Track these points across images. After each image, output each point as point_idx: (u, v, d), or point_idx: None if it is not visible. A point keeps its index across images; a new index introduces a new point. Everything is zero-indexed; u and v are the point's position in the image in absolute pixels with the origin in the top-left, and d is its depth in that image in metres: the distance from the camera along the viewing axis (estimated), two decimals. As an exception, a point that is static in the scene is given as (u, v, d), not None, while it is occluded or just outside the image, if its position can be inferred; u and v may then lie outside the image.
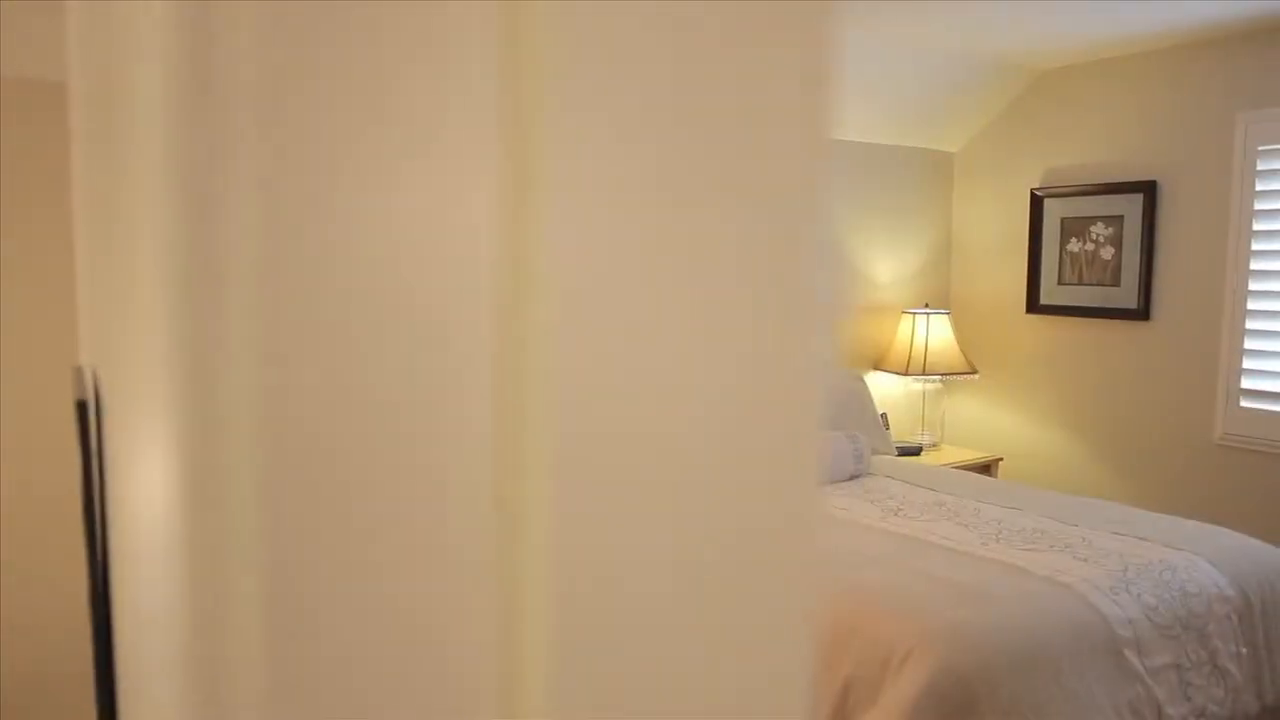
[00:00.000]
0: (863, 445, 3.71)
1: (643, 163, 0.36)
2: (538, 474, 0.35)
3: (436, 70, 0.32)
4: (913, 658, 2.19)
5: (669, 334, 0.38)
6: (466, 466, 0.34)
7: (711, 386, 0.39)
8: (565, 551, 0.36)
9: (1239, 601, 2.67)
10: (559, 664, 0.36)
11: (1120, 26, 3.81)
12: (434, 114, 0.32)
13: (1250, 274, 3.84)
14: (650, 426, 0.38)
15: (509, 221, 0.34)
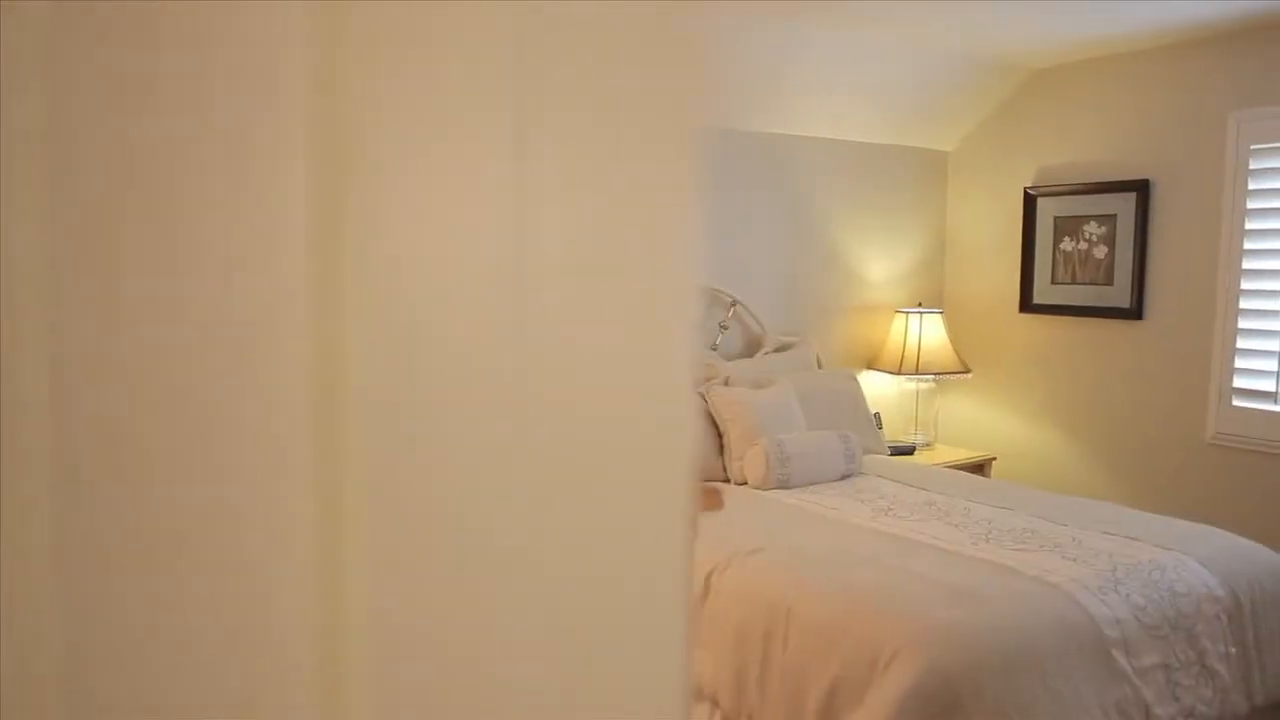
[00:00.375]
0: (854, 445, 3.71)
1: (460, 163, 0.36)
2: (357, 492, 0.35)
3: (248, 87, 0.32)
4: (899, 658, 2.18)
5: (486, 344, 0.38)
6: (282, 472, 0.34)
7: (544, 401, 0.39)
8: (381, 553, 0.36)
9: (1228, 602, 2.66)
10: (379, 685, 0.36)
11: (1113, 25, 3.80)
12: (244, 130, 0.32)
13: (1243, 273, 3.84)
14: (471, 439, 0.38)
15: (324, 235, 0.34)
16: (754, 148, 4.42)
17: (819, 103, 4.39)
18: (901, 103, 4.58)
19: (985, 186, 4.88)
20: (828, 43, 3.99)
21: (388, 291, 0.35)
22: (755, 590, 2.63)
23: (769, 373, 4.07)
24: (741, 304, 4.32)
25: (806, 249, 4.63)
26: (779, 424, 3.70)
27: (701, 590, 2.78)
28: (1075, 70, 4.44)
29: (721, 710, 2.66)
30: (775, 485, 3.50)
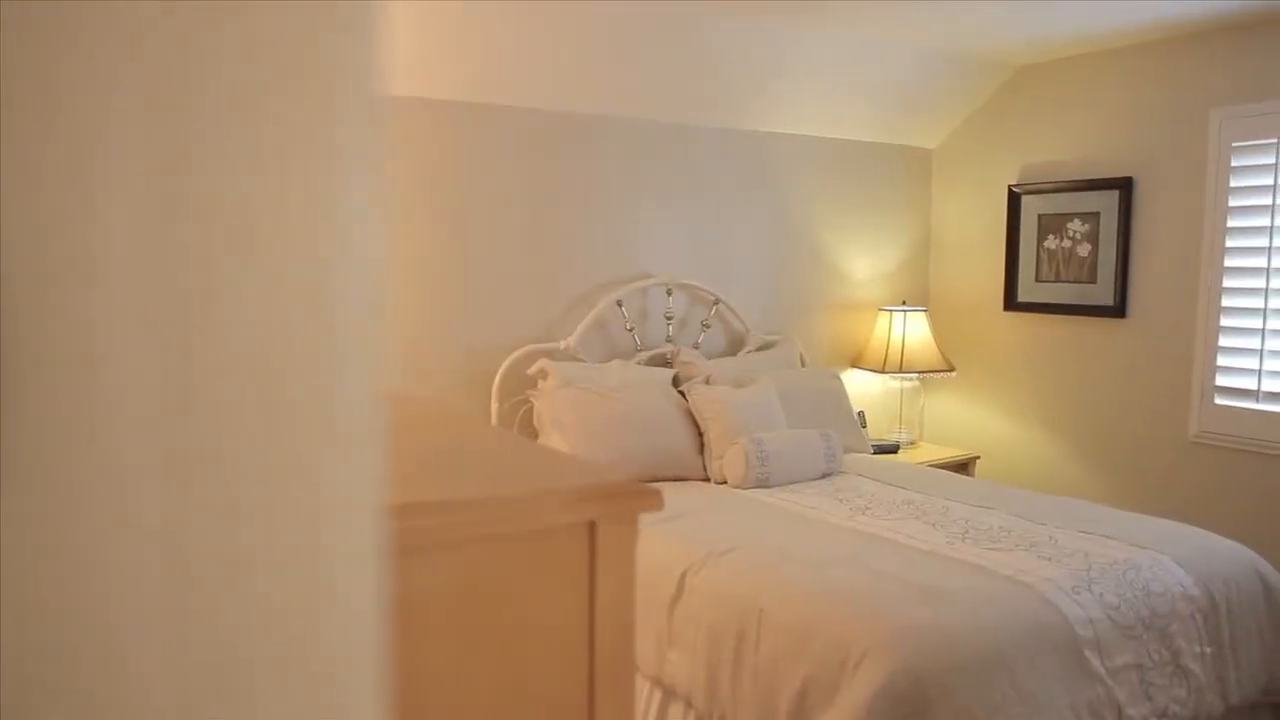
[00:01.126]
0: (835, 443, 3.69)
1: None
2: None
3: None
4: (869, 658, 2.17)
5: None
6: None
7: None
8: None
9: (1204, 601, 2.65)
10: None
11: (1096, 22, 3.79)
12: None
13: (1225, 271, 3.83)
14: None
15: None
16: (737, 146, 4.40)
17: (803, 100, 4.38)
18: (886, 100, 4.56)
19: (970, 184, 4.87)
20: (812, 41, 3.97)
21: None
22: (728, 590, 2.61)
23: (751, 371, 4.05)
24: (724, 302, 4.31)
25: (790, 247, 4.61)
26: (759, 423, 3.69)
27: (675, 590, 2.76)
28: (1058, 67, 4.43)
29: (695, 711, 2.65)
30: (754, 484, 3.49)
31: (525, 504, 1.03)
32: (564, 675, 1.09)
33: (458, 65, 3.53)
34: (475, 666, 1.03)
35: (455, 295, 3.73)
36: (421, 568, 0.97)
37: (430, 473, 1.16)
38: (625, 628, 1.13)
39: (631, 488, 1.09)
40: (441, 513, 0.97)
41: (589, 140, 3.99)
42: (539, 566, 1.06)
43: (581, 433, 3.48)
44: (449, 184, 3.69)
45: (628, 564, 1.12)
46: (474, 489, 1.05)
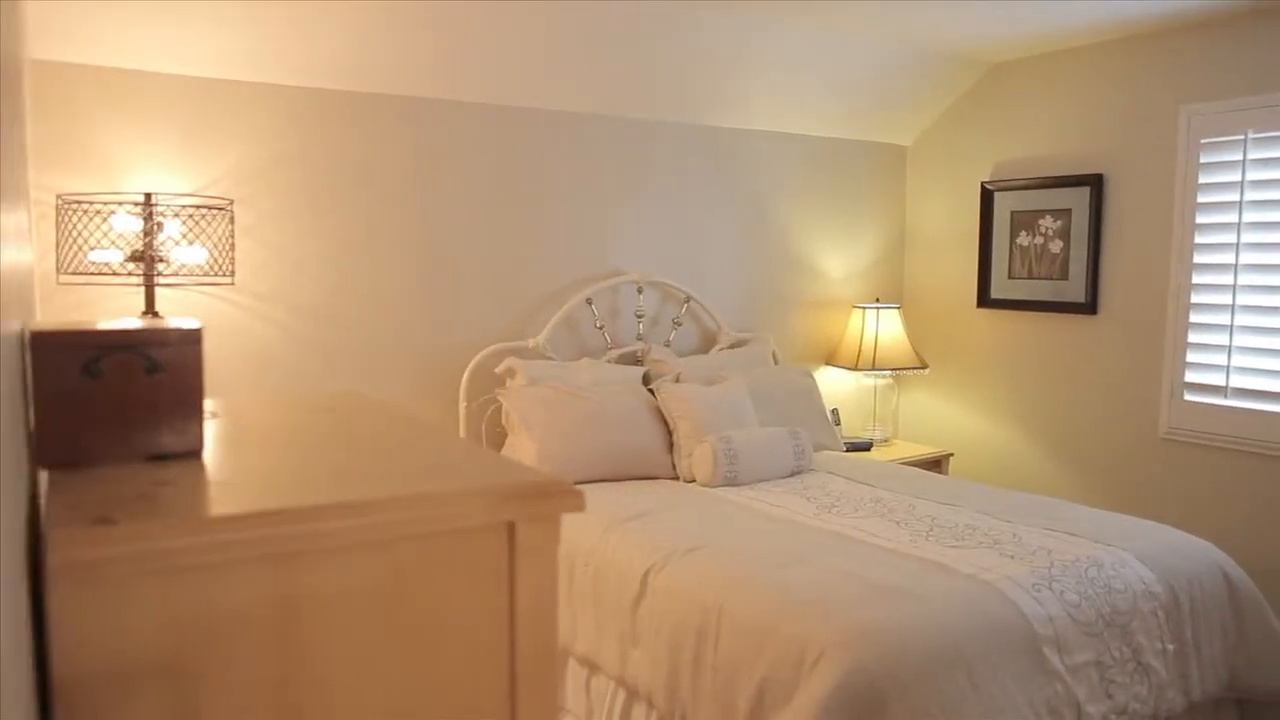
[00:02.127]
0: (804, 441, 3.68)
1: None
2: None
3: None
4: (825, 657, 2.16)
5: None
6: None
7: None
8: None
9: (1166, 598, 2.64)
10: None
11: (1067, 20, 3.79)
12: None
13: (1194, 267, 3.83)
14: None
15: None
16: (711, 142, 4.38)
17: (777, 97, 4.36)
18: (860, 97, 4.55)
19: (943, 181, 4.86)
20: (786, 37, 3.96)
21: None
22: (690, 589, 2.60)
23: (723, 369, 4.04)
24: (696, 300, 4.29)
25: (764, 244, 4.60)
26: (729, 421, 3.67)
27: (639, 590, 2.75)
28: (1030, 65, 4.43)
29: (657, 711, 2.63)
30: (723, 482, 3.47)
31: (441, 505, 1.01)
32: (485, 674, 1.08)
33: (427, 61, 3.50)
34: (392, 666, 1.01)
35: (423, 293, 3.71)
36: (333, 568, 0.96)
37: (351, 472, 1.14)
38: (547, 627, 1.12)
39: (551, 488, 1.08)
40: (352, 514, 0.95)
41: (560, 137, 3.97)
42: (457, 566, 1.04)
43: (549, 431, 3.46)
44: (417, 181, 3.66)
45: (549, 563, 1.11)
46: (389, 489, 1.03)
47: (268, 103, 3.35)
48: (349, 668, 0.98)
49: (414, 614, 1.02)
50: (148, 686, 0.88)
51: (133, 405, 1.11)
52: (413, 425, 1.46)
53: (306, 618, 0.95)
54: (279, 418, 1.54)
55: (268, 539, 0.91)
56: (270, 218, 3.39)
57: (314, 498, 0.97)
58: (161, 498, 0.97)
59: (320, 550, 0.95)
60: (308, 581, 0.96)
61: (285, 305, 3.43)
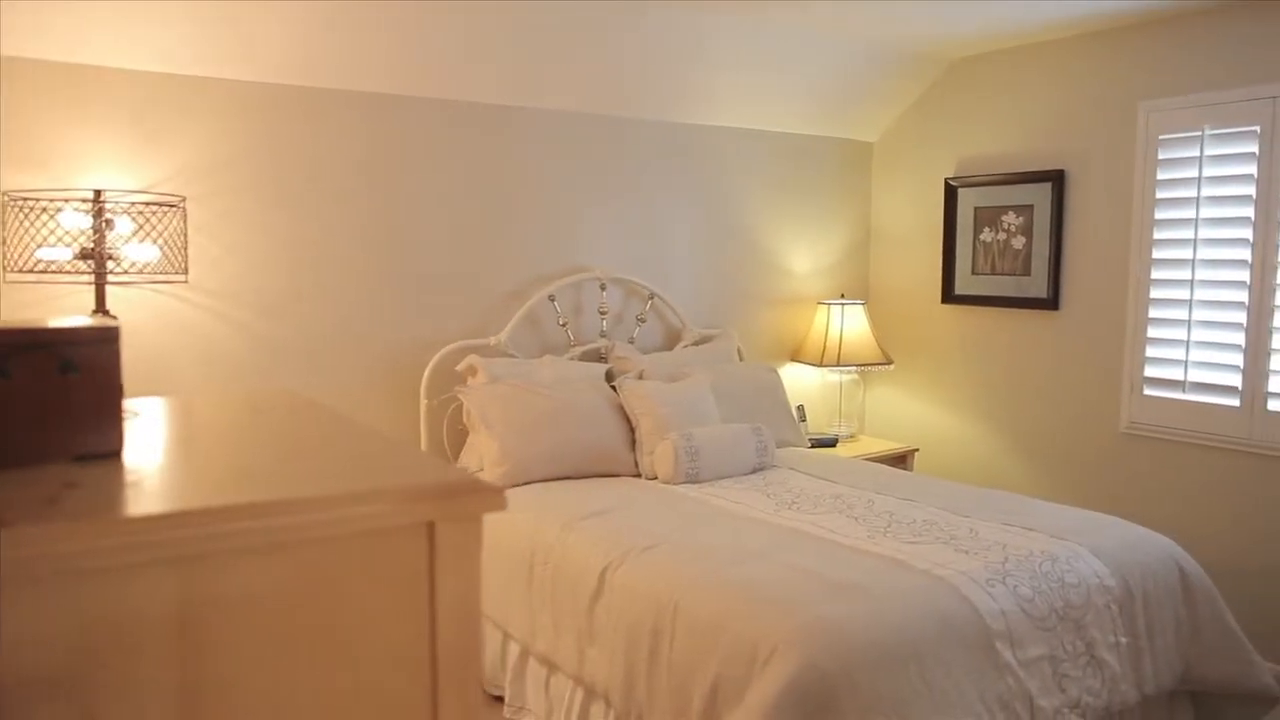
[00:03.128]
0: (766, 438, 3.67)
1: None
2: None
3: None
4: (777, 655, 2.15)
5: None
6: None
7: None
8: None
9: (1120, 592, 2.66)
10: None
11: (1028, 15, 3.80)
12: None
13: (1153, 263, 3.86)
14: None
15: None
16: (675, 139, 4.37)
17: (742, 94, 4.36)
18: (825, 94, 4.55)
19: (908, 177, 4.87)
20: (750, 34, 3.95)
21: None
22: (646, 586, 2.59)
23: (687, 366, 4.03)
24: (660, 297, 4.28)
25: (729, 241, 4.60)
26: (692, 417, 3.66)
27: (596, 587, 2.73)
28: (992, 60, 4.44)
29: (614, 709, 2.62)
30: (684, 479, 3.46)
31: (351, 505, 0.99)
32: (404, 679, 1.06)
33: (385, 57, 3.47)
34: (303, 672, 0.99)
35: (382, 291, 3.67)
36: (238, 572, 0.93)
37: (267, 473, 1.12)
38: (470, 630, 1.10)
39: (471, 486, 1.06)
40: (256, 516, 0.93)
41: (522, 134, 3.94)
42: (373, 568, 1.02)
43: (509, 429, 3.44)
44: (377, 178, 3.63)
45: (471, 564, 1.09)
46: (298, 490, 1.01)
47: (222, 98, 3.31)
48: (257, 674, 0.96)
49: (326, 618, 1.00)
50: (43, 697, 0.86)
51: (45, 406, 1.09)
52: (343, 425, 1.44)
53: (210, 623, 0.92)
54: (209, 417, 1.51)
55: (167, 542, 0.89)
56: (225, 215, 3.34)
57: (219, 499, 0.95)
58: (67, 500, 0.95)
59: (223, 553, 0.93)
60: (211, 586, 0.93)
61: (241, 303, 3.39)
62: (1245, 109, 3.55)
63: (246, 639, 0.95)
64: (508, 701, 3.17)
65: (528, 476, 3.44)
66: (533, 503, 3.26)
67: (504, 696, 3.19)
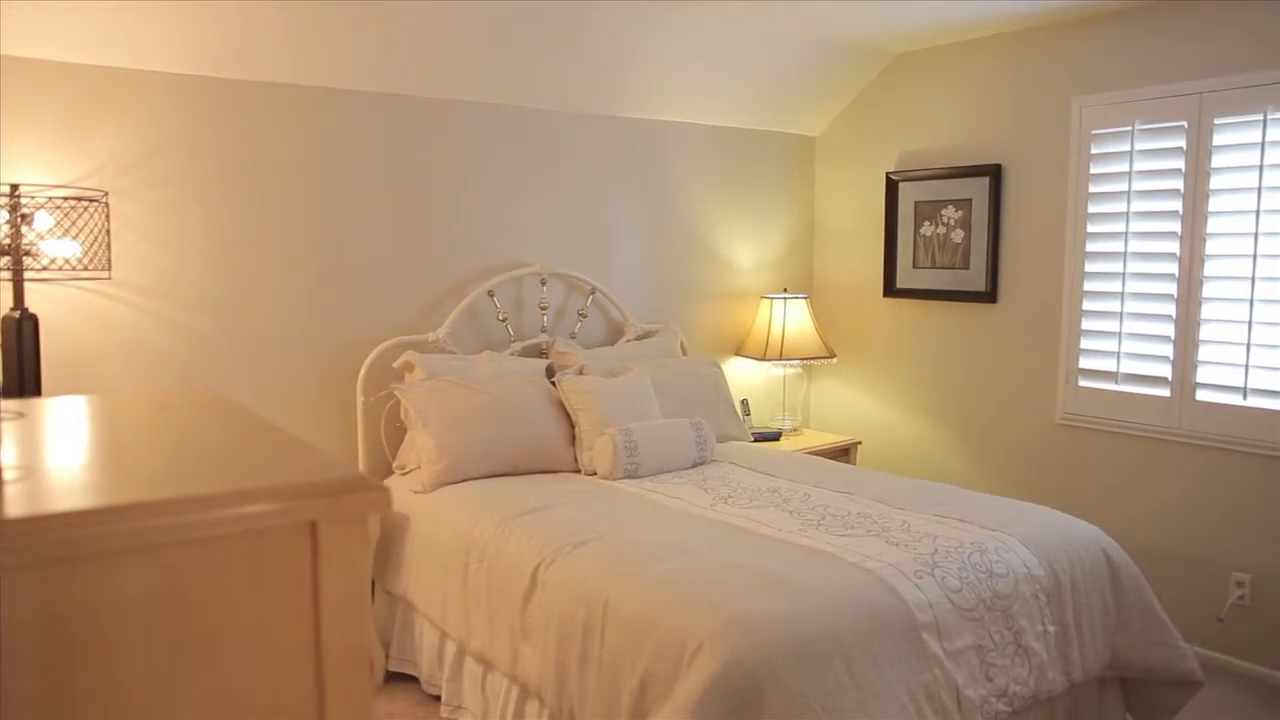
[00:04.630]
0: (706, 432, 3.67)
1: None
2: None
3: None
4: (703, 651, 2.15)
5: None
6: None
7: None
8: None
9: (1048, 581, 2.69)
10: None
11: (964, 11, 3.82)
12: None
13: (1086, 256, 3.91)
14: None
15: None
16: (616, 133, 4.35)
17: (684, 88, 4.35)
18: (767, 87, 4.56)
19: (851, 171, 4.90)
20: (690, 28, 3.94)
21: None
22: (578, 584, 2.57)
23: (629, 361, 4.02)
24: (602, 291, 4.26)
25: (673, 236, 4.59)
26: (631, 412, 3.65)
27: (529, 585, 2.72)
28: (931, 56, 4.48)
29: (547, 707, 2.60)
30: (623, 475, 3.45)
31: (226, 506, 0.96)
32: (287, 684, 1.03)
33: (320, 51, 3.41)
34: (184, 677, 0.96)
35: (318, 287, 3.62)
36: (103, 576, 0.91)
37: (149, 474, 1.09)
38: (356, 632, 1.07)
39: (354, 484, 1.04)
40: (120, 518, 0.90)
41: (461, 128, 3.90)
42: (252, 570, 1.00)
43: (445, 425, 3.41)
44: (311, 172, 3.57)
45: (356, 564, 1.06)
46: (179, 489, 0.98)
47: (149, 91, 3.23)
48: (132, 680, 0.93)
49: (206, 621, 0.97)
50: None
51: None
52: (248, 423, 1.41)
53: (77, 629, 0.90)
54: (108, 416, 1.48)
55: (27, 546, 0.86)
56: (154, 210, 3.27)
57: (88, 501, 0.92)
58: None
59: (92, 557, 0.90)
60: (82, 590, 0.90)
61: (171, 300, 3.32)
62: (1173, 105, 3.61)
63: (121, 644, 0.92)
64: (445, 700, 3.14)
65: (465, 473, 3.41)
66: (469, 500, 3.23)
67: (441, 695, 3.17)
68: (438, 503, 3.29)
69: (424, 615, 3.26)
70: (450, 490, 3.34)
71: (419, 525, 3.30)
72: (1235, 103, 3.45)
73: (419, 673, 3.35)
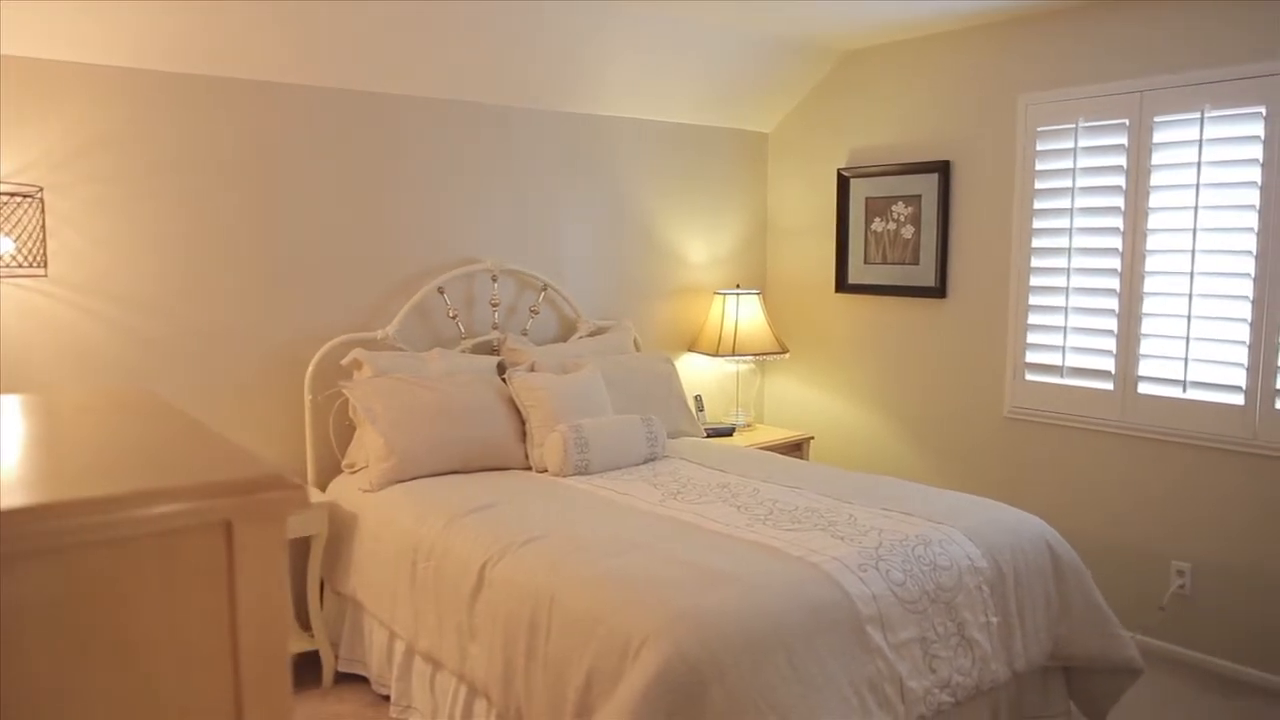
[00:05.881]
0: (657, 428, 3.68)
1: None
2: None
3: None
4: (647, 646, 2.15)
5: None
6: None
7: None
8: None
9: (991, 573, 2.72)
10: None
11: (912, 8, 3.85)
12: None
13: (1032, 251, 3.96)
14: None
15: None
16: (569, 129, 4.34)
17: (636, 84, 4.34)
18: (719, 84, 4.56)
19: (803, 168, 4.92)
20: (641, 23, 3.93)
21: None
22: (525, 581, 2.56)
23: (581, 357, 4.01)
24: (554, 288, 4.25)
25: (626, 232, 4.58)
26: (582, 409, 3.64)
27: (476, 583, 2.70)
28: (882, 53, 4.51)
29: (495, 706, 2.59)
30: (574, 471, 3.44)
31: (138, 505, 0.95)
32: (204, 687, 1.02)
33: (263, 43, 3.36)
34: (90, 682, 0.94)
35: (263, 284, 3.57)
36: (16, 577, 0.88)
37: (59, 474, 1.06)
38: (274, 633, 1.06)
39: (268, 483, 1.02)
40: (23, 520, 0.88)
41: (410, 123, 3.87)
42: (168, 571, 0.98)
43: (393, 424, 3.38)
44: (257, 168, 3.52)
45: (273, 564, 1.05)
46: (88, 490, 0.96)
47: (85, 84, 3.17)
48: (33, 685, 0.91)
49: (112, 625, 0.95)
50: None
51: None
52: (174, 422, 1.38)
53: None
54: (30, 417, 1.44)
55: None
56: (92, 205, 3.21)
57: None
58: None
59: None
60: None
61: (110, 298, 3.26)
62: (1115, 102, 3.66)
63: (25, 648, 0.90)
64: (394, 700, 3.12)
65: (414, 471, 3.38)
66: (418, 498, 3.21)
67: (390, 695, 3.14)
68: (386, 501, 3.27)
69: (373, 615, 3.23)
70: (399, 489, 3.31)
71: (367, 524, 3.27)
72: (1174, 101, 3.51)
73: (369, 673, 3.32)
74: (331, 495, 3.50)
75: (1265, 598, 3.40)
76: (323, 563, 3.44)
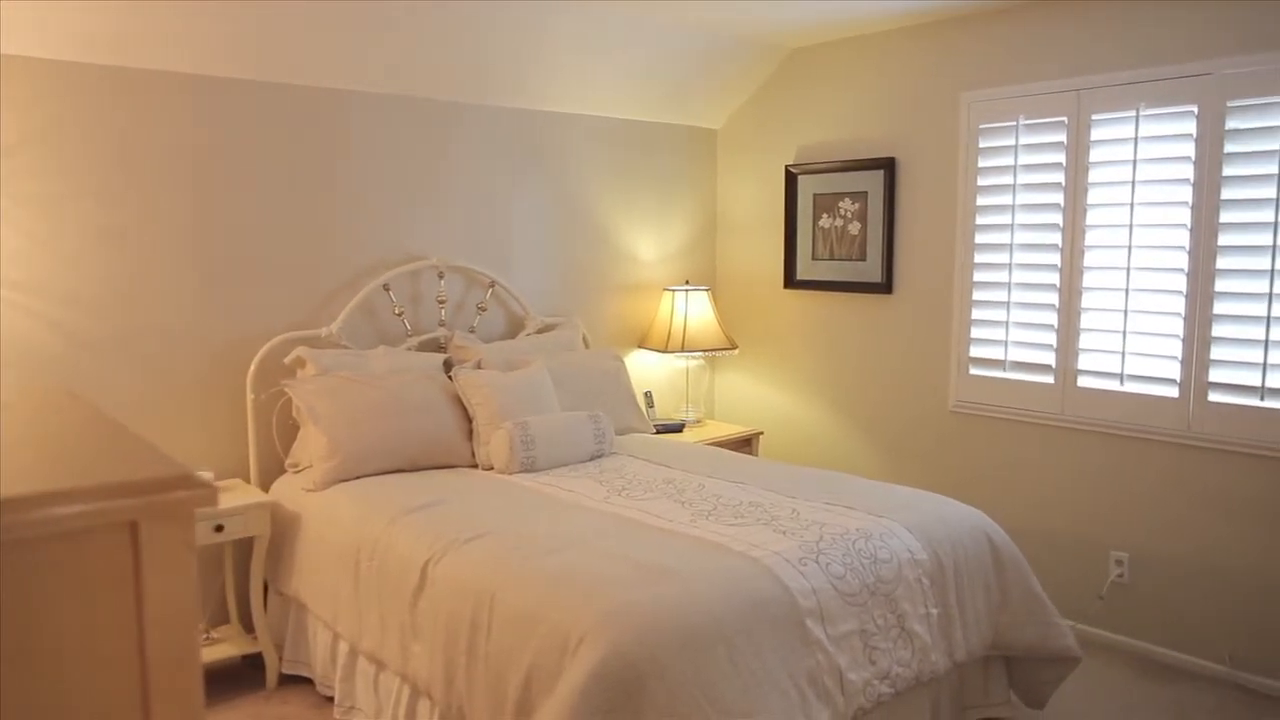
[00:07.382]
0: (604, 425, 3.67)
1: None
2: None
3: None
4: (585, 643, 2.15)
5: None
6: None
7: None
8: None
9: (930, 565, 2.75)
10: None
11: (858, 7, 3.88)
12: None
13: (975, 247, 4.01)
14: None
15: None
16: (516, 125, 4.32)
17: (584, 80, 4.33)
18: (667, 80, 4.56)
19: (751, 164, 4.94)
20: (588, 19, 3.92)
21: None
22: (466, 579, 2.55)
23: (528, 354, 3.99)
24: (501, 285, 4.23)
25: (574, 229, 4.57)
26: (529, 406, 3.63)
27: (418, 582, 2.68)
28: (828, 50, 4.54)
29: (437, 706, 2.58)
30: (520, 469, 3.43)
31: (37, 506, 0.92)
32: (111, 691, 1.00)
33: (206, 37, 3.31)
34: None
35: (204, 281, 3.51)
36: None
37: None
38: (184, 634, 1.04)
39: (175, 482, 1.00)
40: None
41: (354, 118, 3.82)
42: (72, 573, 0.96)
43: (338, 422, 3.34)
44: (199, 164, 3.46)
45: (181, 565, 1.03)
46: (-16, 492, 0.94)
47: (17, 78, 3.10)
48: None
49: (14, 629, 0.93)
50: None
51: None
52: (89, 421, 1.36)
53: None
54: (-61, 418, 1.41)
55: None
56: (25, 203, 3.14)
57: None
58: None
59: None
60: None
61: (46, 296, 3.19)
62: (1054, 101, 3.72)
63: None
64: (338, 701, 3.09)
65: (359, 470, 3.35)
66: (361, 497, 3.18)
67: (335, 696, 3.11)
68: (329, 501, 3.23)
69: (316, 616, 3.20)
70: (342, 488, 3.28)
71: (310, 524, 3.23)
72: (1110, 100, 3.57)
73: (313, 674, 3.29)
74: (275, 495, 3.45)
75: (1200, 585, 3.48)
76: (266, 564, 3.39)
